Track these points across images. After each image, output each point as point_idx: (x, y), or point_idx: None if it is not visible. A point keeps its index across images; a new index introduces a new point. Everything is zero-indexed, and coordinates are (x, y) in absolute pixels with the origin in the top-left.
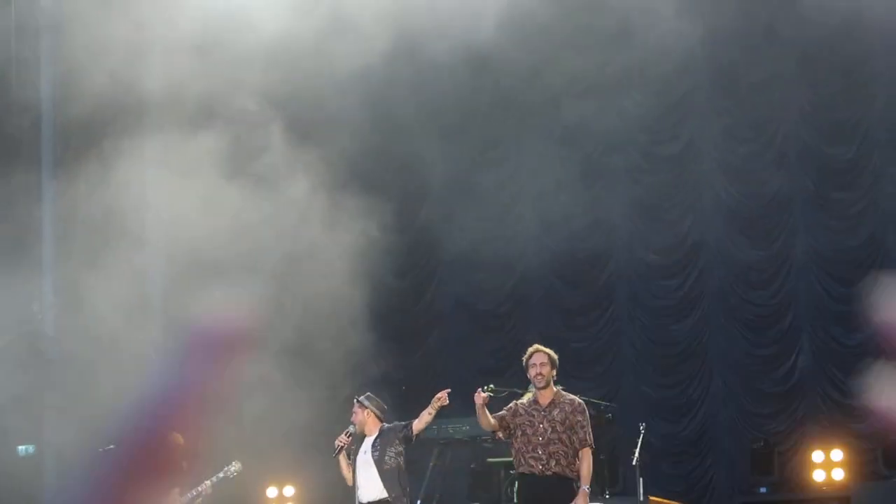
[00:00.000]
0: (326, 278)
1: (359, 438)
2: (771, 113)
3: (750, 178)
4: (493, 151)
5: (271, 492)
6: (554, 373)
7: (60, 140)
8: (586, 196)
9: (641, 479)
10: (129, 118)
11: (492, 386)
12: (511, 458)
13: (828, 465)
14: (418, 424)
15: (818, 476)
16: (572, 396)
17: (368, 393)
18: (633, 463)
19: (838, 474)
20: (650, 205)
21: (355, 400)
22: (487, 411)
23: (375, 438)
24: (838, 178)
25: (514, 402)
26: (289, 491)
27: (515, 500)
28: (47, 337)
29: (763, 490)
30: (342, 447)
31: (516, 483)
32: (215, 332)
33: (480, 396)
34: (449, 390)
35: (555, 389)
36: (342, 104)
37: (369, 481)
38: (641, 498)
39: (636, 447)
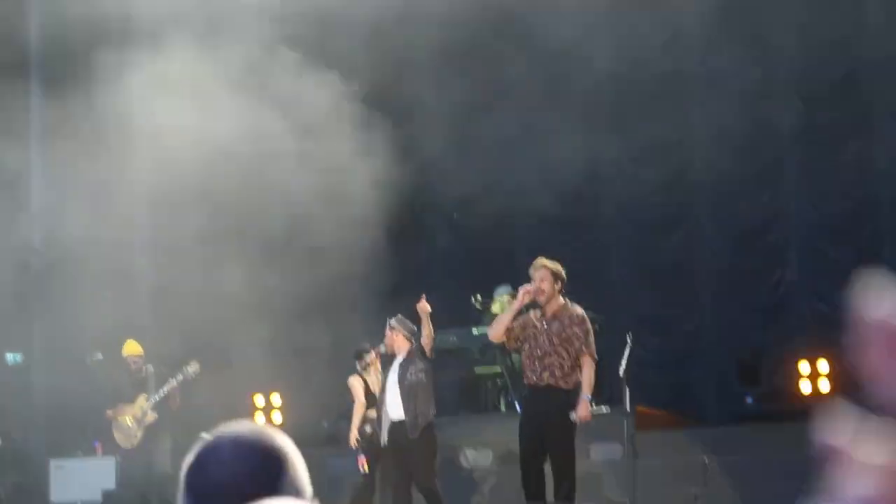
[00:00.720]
0: (319, 198)
1: (389, 359)
2: (760, 32)
3: (739, 95)
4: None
5: (259, 400)
6: (558, 286)
7: (50, 54)
8: (575, 111)
9: (628, 390)
10: (120, 35)
11: (479, 297)
12: (497, 368)
13: (814, 376)
14: (423, 340)
15: (805, 387)
16: (575, 309)
17: (399, 315)
18: (620, 373)
19: (824, 385)
20: (637, 119)
21: (387, 321)
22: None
23: (404, 359)
24: (828, 97)
25: (529, 312)
26: (276, 399)
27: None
28: (34, 248)
29: (749, 401)
30: (367, 364)
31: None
32: None
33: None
34: (423, 295)
35: (561, 302)
36: (344, 36)
37: (394, 400)
38: (628, 408)
39: (623, 357)
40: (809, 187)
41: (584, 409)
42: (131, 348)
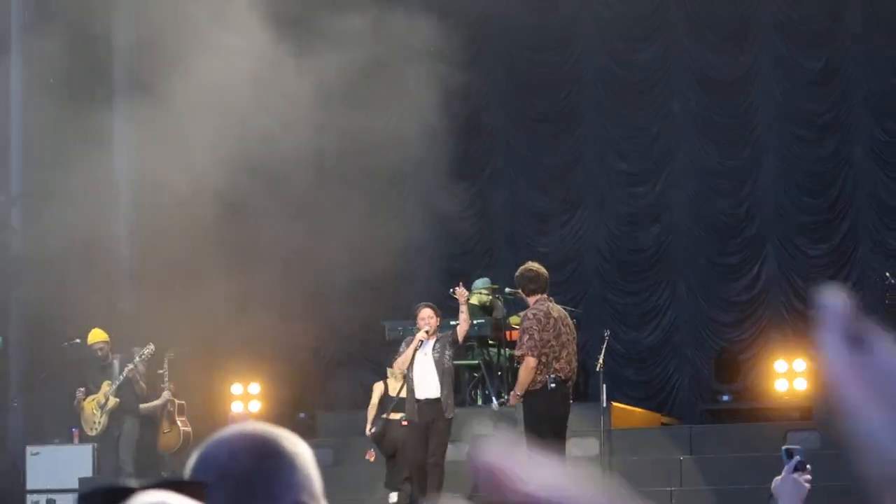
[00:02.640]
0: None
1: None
2: (743, 22)
3: (720, 86)
4: (465, 55)
5: (236, 389)
6: (520, 292)
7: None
8: (556, 101)
9: (605, 386)
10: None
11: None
12: (474, 361)
13: (790, 374)
14: (461, 329)
15: (780, 385)
16: (528, 311)
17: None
18: (597, 369)
19: (800, 384)
20: (621, 111)
21: (422, 304)
22: None
23: (436, 342)
24: (808, 89)
25: None
26: (254, 388)
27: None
28: (13, 230)
29: (725, 398)
30: (422, 342)
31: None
32: None
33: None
34: (461, 283)
35: (531, 302)
36: None
37: (428, 379)
38: (604, 404)
39: (600, 353)
40: (788, 183)
41: (511, 401)
42: (96, 335)
